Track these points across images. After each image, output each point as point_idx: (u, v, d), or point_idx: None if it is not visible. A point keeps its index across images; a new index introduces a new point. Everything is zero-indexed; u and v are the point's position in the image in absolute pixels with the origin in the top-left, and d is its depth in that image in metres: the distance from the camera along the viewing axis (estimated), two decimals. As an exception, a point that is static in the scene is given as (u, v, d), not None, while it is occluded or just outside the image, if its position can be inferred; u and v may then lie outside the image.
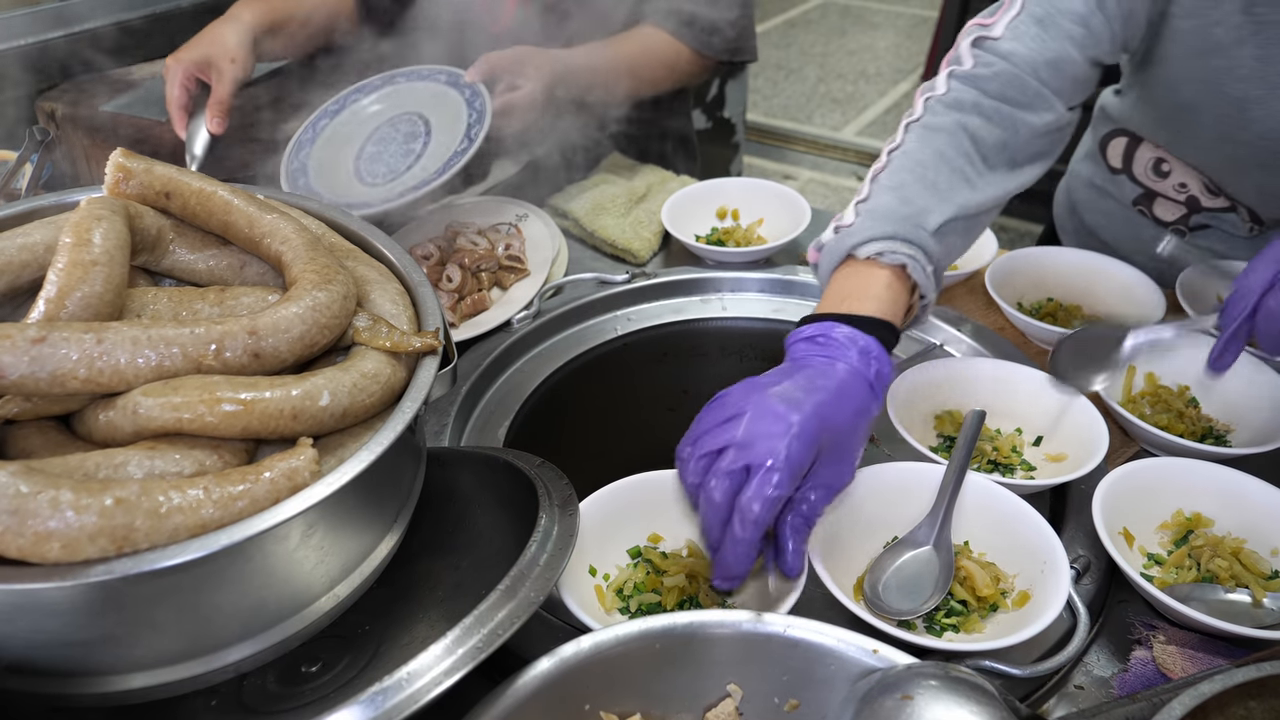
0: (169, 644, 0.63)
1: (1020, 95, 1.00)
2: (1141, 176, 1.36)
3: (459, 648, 0.61)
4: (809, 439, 0.78)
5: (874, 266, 0.92)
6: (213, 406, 0.64)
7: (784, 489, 0.76)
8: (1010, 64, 1.00)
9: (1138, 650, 0.82)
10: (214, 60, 1.39)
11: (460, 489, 0.89)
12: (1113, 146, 1.39)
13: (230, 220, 0.79)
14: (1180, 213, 1.33)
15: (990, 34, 1.02)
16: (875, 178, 0.99)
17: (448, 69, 1.44)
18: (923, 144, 0.99)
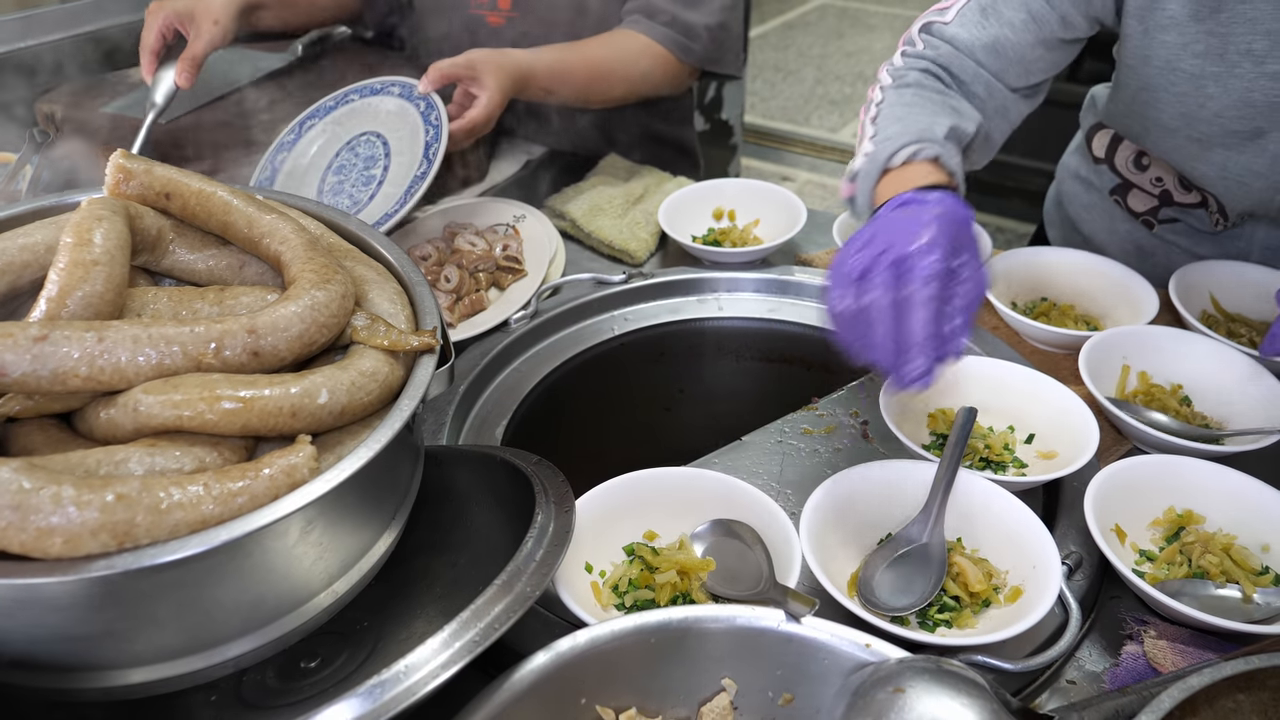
0: (169, 639, 0.64)
1: (961, 74, 1.15)
2: (1121, 168, 1.40)
3: (456, 641, 0.62)
4: (946, 224, 0.83)
5: (909, 168, 1.00)
6: (213, 404, 0.64)
7: (941, 262, 0.80)
8: (953, 47, 1.16)
9: (1129, 645, 0.82)
10: (197, 16, 1.40)
11: (457, 487, 0.89)
12: (1098, 138, 1.43)
13: (229, 220, 0.80)
14: (1151, 204, 1.38)
15: (941, 19, 1.17)
16: (871, 125, 1.10)
17: (400, 80, 1.42)
18: (900, 94, 1.12)
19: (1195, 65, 1.12)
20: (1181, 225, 1.36)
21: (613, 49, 1.55)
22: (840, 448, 1.08)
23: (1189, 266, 1.26)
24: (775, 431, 1.10)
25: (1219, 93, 1.12)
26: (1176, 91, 1.16)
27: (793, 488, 1.02)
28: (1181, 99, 1.16)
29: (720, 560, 0.84)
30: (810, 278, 1.33)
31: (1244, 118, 1.13)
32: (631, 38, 1.57)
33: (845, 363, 1.26)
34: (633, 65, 1.56)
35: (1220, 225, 1.32)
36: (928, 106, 1.08)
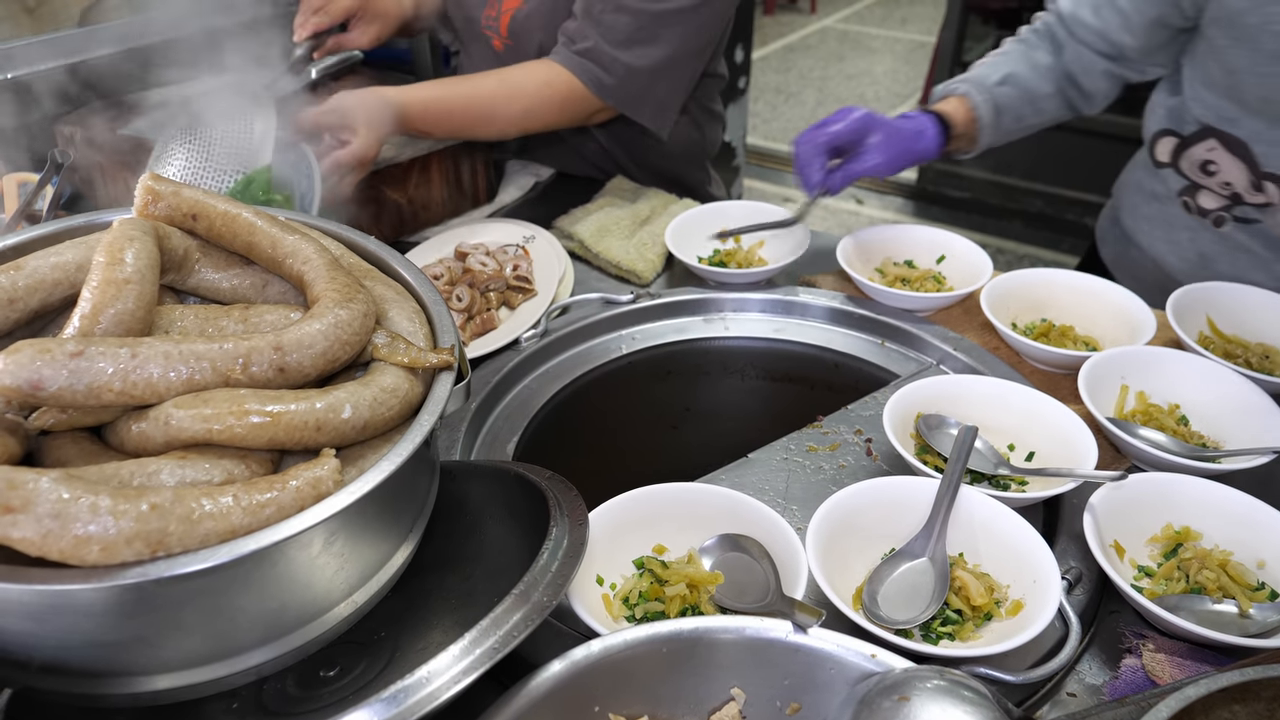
0: (195, 646, 0.65)
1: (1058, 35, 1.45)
2: (1188, 172, 1.41)
3: (475, 649, 0.64)
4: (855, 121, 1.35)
5: (948, 99, 1.47)
6: (241, 418, 0.66)
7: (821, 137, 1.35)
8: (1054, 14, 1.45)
9: (1128, 658, 0.84)
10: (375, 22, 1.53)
11: (472, 500, 0.91)
12: (1161, 144, 1.45)
13: (254, 241, 0.82)
14: (1222, 203, 1.38)
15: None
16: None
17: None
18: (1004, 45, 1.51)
19: (1275, 44, 1.15)
20: (1255, 227, 1.36)
21: (508, 83, 1.52)
22: (845, 464, 1.10)
23: (1187, 289, 1.28)
24: (781, 449, 1.12)
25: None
26: (1260, 72, 1.19)
27: (798, 503, 1.04)
28: (1263, 81, 1.19)
29: (728, 574, 0.86)
30: (814, 299, 1.36)
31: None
32: (539, 68, 1.54)
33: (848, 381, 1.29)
34: (528, 97, 1.52)
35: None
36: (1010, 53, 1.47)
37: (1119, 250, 1.60)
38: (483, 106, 1.49)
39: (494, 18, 1.68)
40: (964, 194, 4.52)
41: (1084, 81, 1.44)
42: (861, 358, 1.30)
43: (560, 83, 1.52)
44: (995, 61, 1.46)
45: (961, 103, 1.44)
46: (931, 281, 1.38)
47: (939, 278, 1.40)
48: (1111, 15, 1.36)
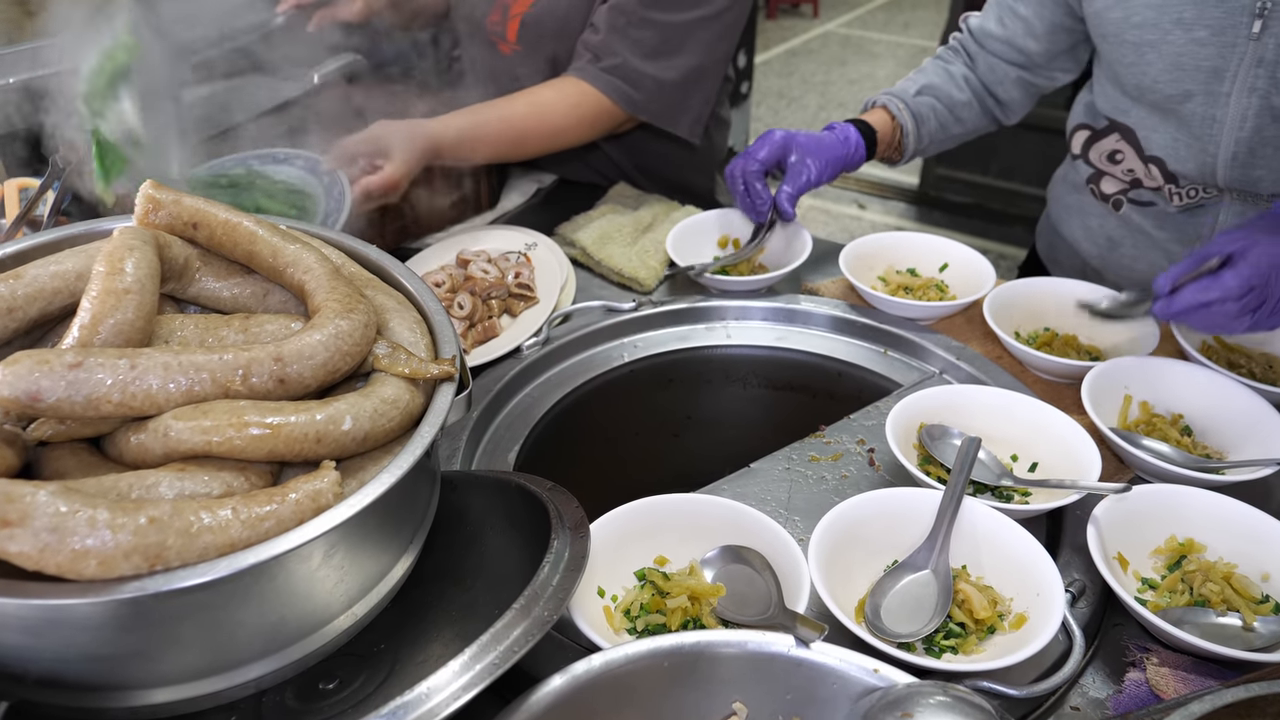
0: (193, 659, 0.65)
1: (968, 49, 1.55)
2: (1096, 161, 1.48)
3: (476, 664, 0.64)
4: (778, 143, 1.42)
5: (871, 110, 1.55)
6: (241, 430, 0.66)
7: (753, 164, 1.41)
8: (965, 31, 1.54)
9: (1132, 672, 0.84)
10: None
11: (472, 511, 0.91)
12: (1076, 136, 1.52)
13: (255, 250, 0.82)
14: (1121, 187, 1.46)
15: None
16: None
17: (305, 154, 1.42)
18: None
19: (1136, 34, 1.26)
20: (1148, 210, 1.43)
21: (537, 106, 1.54)
22: (847, 474, 1.10)
23: None
24: (783, 459, 1.12)
25: (1156, 59, 1.25)
26: (1126, 62, 1.29)
27: (800, 514, 1.04)
28: (1130, 68, 1.29)
29: (730, 585, 0.86)
30: (817, 307, 1.35)
31: (1175, 80, 1.25)
32: (567, 87, 1.55)
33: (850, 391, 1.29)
34: (557, 118, 1.54)
35: (1179, 200, 1.38)
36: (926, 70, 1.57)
37: (1049, 241, 1.69)
38: (515, 131, 1.52)
39: (499, 22, 1.68)
40: (966, 199, 4.51)
41: (999, 91, 1.55)
42: (864, 366, 1.30)
43: (589, 102, 1.55)
44: (914, 76, 1.58)
45: (883, 113, 1.53)
46: (934, 290, 1.38)
47: (941, 286, 1.39)
48: (1015, 23, 1.47)
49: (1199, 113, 1.27)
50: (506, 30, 1.68)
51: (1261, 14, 1.17)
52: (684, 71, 1.56)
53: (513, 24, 1.66)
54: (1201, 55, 1.22)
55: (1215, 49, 1.21)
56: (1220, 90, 1.23)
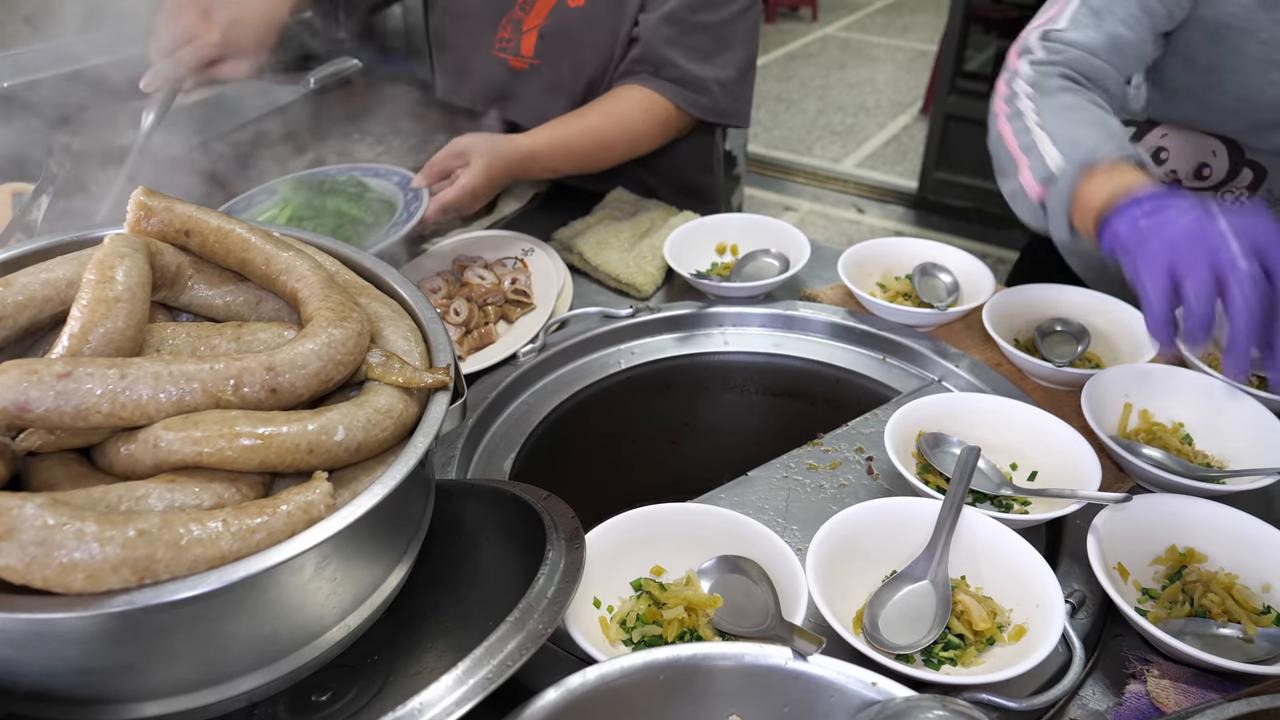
0: (184, 673, 0.64)
1: (1094, 74, 1.20)
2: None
3: (469, 678, 0.63)
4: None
5: (1117, 170, 1.04)
6: (232, 441, 0.65)
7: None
8: (1078, 49, 1.21)
9: (1132, 684, 0.83)
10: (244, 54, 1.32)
11: (467, 521, 0.90)
12: None
13: (248, 257, 0.81)
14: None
15: (1056, 26, 1.24)
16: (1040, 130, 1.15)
17: (401, 171, 1.45)
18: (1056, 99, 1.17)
19: (1261, 51, 1.20)
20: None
21: (613, 115, 1.57)
22: (845, 483, 1.09)
23: None
24: (781, 467, 1.11)
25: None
26: (1239, 74, 1.23)
27: (798, 524, 1.03)
28: (1243, 82, 1.24)
29: (727, 596, 0.85)
30: (815, 313, 1.35)
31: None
32: (636, 95, 1.58)
33: (849, 398, 1.28)
34: (636, 125, 1.58)
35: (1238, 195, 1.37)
36: (1093, 110, 1.15)
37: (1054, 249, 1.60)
38: (597, 141, 1.56)
39: (509, 39, 1.67)
40: (965, 203, 4.51)
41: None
42: (863, 373, 1.29)
43: (659, 108, 1.59)
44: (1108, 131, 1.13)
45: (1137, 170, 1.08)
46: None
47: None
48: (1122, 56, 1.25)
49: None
50: (521, 45, 1.67)
51: None
52: (738, 67, 1.61)
53: (528, 38, 1.66)
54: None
55: None
56: None
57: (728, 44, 1.59)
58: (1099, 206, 1.01)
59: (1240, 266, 0.86)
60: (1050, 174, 1.09)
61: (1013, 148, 1.16)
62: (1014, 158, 1.16)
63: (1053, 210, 1.09)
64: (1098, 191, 1.02)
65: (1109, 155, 1.05)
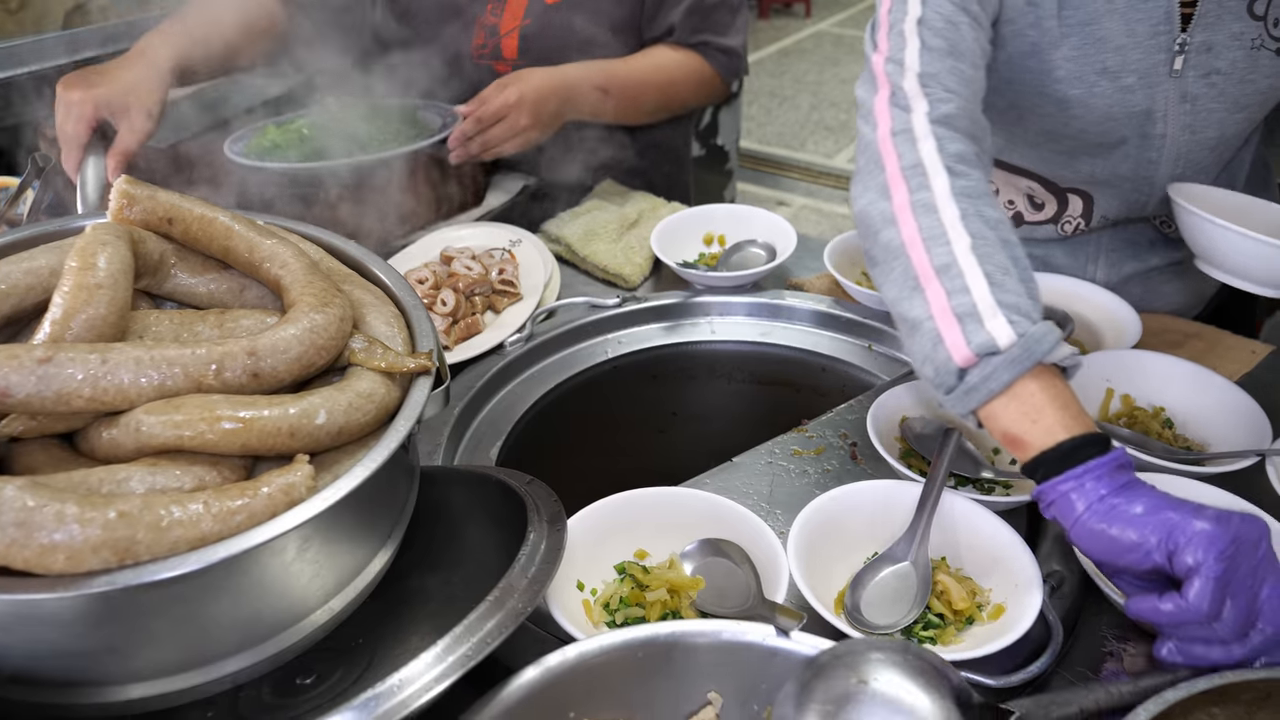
0: (167, 655, 0.65)
1: (979, 133, 0.99)
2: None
3: (449, 656, 0.64)
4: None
5: (1050, 376, 0.84)
6: (213, 424, 0.66)
7: None
8: (960, 98, 0.98)
9: (1109, 662, 0.84)
10: (130, 108, 1.29)
11: (452, 506, 0.91)
12: None
13: (231, 245, 0.82)
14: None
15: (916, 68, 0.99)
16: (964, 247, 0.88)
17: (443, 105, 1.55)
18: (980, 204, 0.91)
19: (1058, 89, 1.17)
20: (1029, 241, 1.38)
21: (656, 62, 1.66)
22: (829, 468, 1.10)
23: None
24: (765, 453, 1.12)
25: (1083, 112, 1.18)
26: (1042, 113, 1.21)
27: (782, 508, 1.04)
28: (1046, 119, 1.21)
29: (709, 578, 0.86)
30: (801, 302, 1.35)
31: (1106, 131, 1.20)
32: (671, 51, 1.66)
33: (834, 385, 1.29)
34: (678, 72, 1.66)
35: (1077, 230, 1.35)
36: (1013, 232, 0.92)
37: None
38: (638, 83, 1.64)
39: (485, 44, 1.68)
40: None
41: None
42: (848, 361, 1.30)
43: (695, 64, 1.66)
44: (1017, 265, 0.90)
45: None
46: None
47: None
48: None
49: (1133, 155, 1.23)
50: (502, 49, 1.67)
51: (1182, 49, 1.14)
52: (741, 30, 1.70)
53: (509, 40, 1.66)
54: (1131, 101, 1.17)
55: (1143, 93, 1.16)
56: (1153, 132, 1.20)
57: (737, 10, 1.68)
58: (1043, 446, 0.81)
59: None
60: (993, 348, 0.83)
61: (920, 259, 0.88)
62: (922, 274, 0.88)
63: (973, 387, 0.84)
64: (1044, 406, 0.82)
65: (1061, 355, 0.84)
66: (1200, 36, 1.13)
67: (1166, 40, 1.13)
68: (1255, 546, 0.75)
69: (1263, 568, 0.75)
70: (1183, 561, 0.74)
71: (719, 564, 0.87)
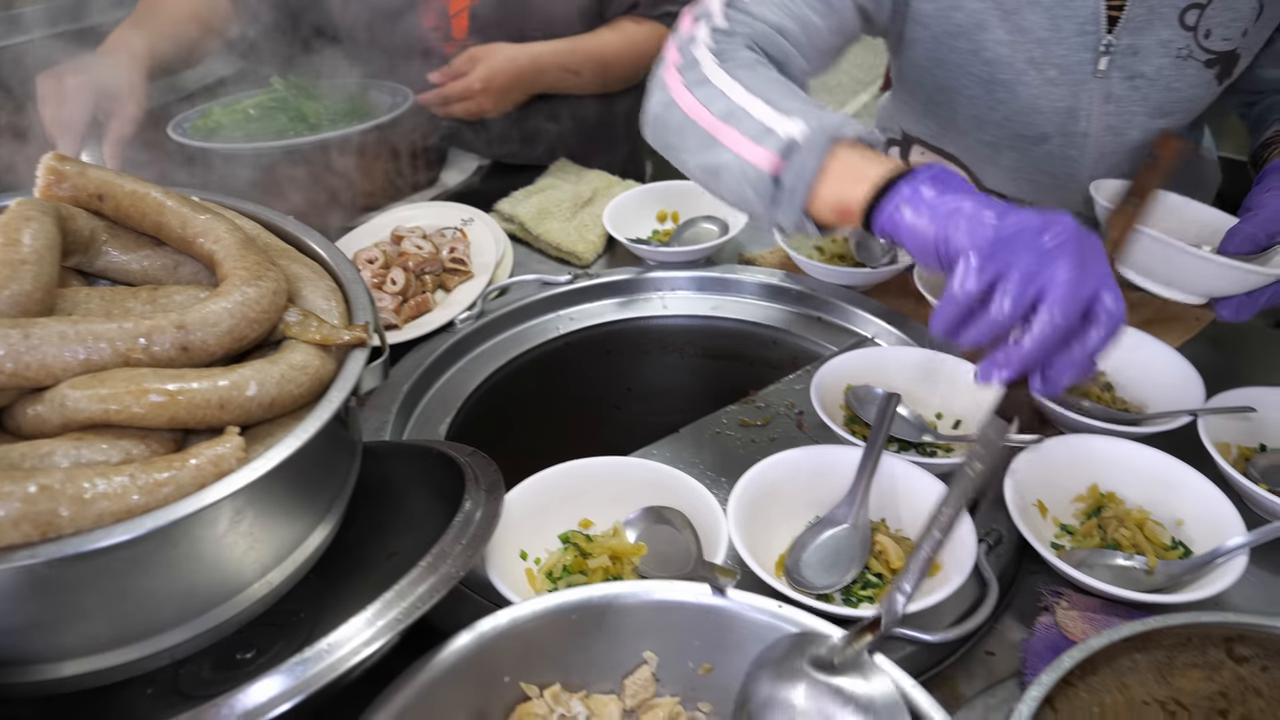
0: (100, 630, 0.64)
1: (778, 55, 1.05)
2: None
3: (379, 620, 0.64)
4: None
5: (859, 150, 0.88)
6: (139, 397, 0.65)
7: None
8: (765, 24, 1.04)
9: (1043, 616, 0.85)
10: (123, 97, 1.32)
11: (396, 480, 0.91)
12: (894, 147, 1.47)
13: (163, 221, 0.81)
14: None
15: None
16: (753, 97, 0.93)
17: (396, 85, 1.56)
18: (759, 72, 0.97)
19: (985, 71, 1.17)
20: None
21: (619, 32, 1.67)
22: (775, 437, 1.11)
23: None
24: (713, 423, 1.13)
25: (1008, 98, 1.18)
26: (969, 95, 1.21)
27: (729, 477, 1.04)
28: (973, 102, 1.21)
29: (652, 545, 0.87)
30: (750, 275, 1.36)
31: (1030, 124, 1.20)
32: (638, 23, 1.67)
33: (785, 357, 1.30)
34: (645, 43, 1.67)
35: None
36: (782, 79, 0.98)
37: None
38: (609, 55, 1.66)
39: (440, 25, 1.67)
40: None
41: None
42: (798, 333, 1.31)
43: (661, 35, 1.66)
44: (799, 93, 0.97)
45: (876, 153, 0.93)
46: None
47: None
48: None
49: (1055, 153, 1.23)
50: (452, 28, 1.66)
51: (1108, 50, 1.14)
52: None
53: (459, 20, 1.65)
54: (1055, 95, 1.17)
55: (1066, 88, 1.17)
56: (1076, 130, 1.20)
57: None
58: (878, 179, 0.83)
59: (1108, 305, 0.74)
60: (790, 143, 0.88)
61: (705, 117, 0.95)
62: (711, 127, 0.94)
63: (791, 185, 0.88)
64: (860, 166, 0.86)
65: (856, 131, 0.88)
66: (1126, 40, 1.13)
67: (1092, 40, 1.13)
68: (1038, 233, 0.72)
69: (1051, 255, 0.72)
70: (953, 245, 0.75)
71: (661, 530, 0.88)
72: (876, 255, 1.37)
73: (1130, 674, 0.73)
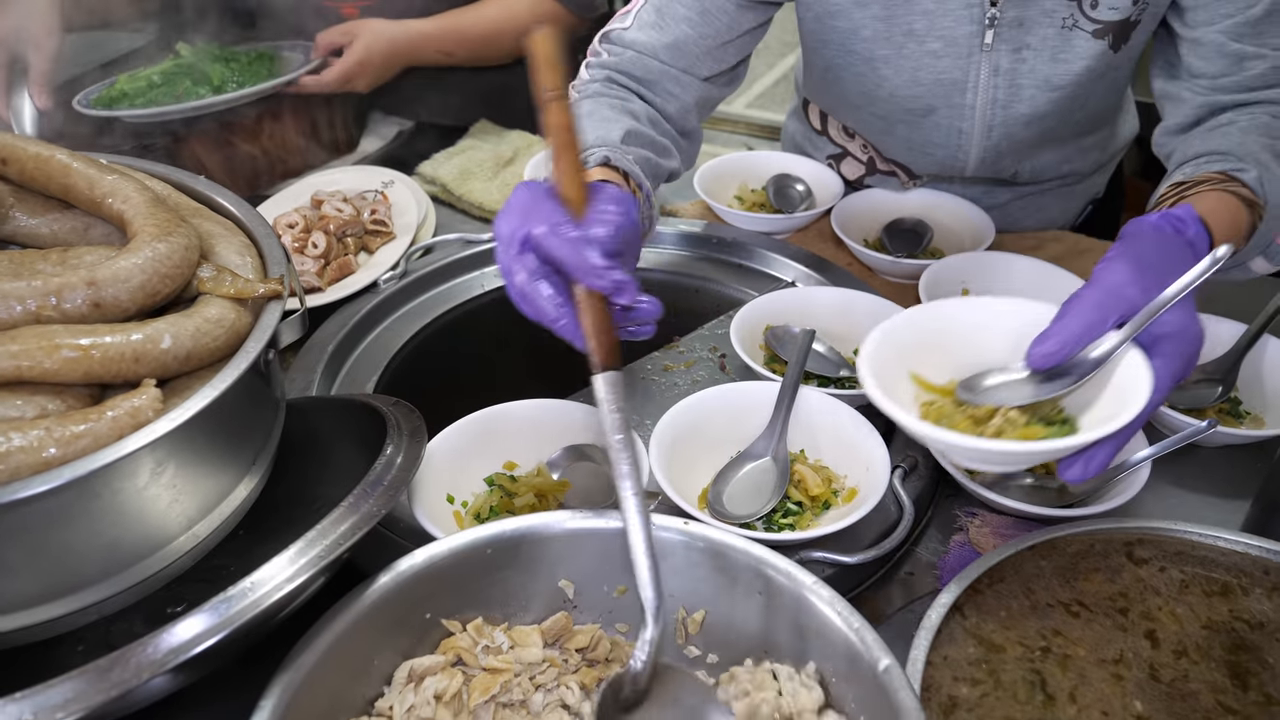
0: (22, 586, 0.64)
1: (647, 75, 1.14)
2: (835, 136, 1.48)
3: (301, 558, 0.65)
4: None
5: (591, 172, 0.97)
6: (51, 353, 0.65)
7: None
8: (635, 51, 1.15)
9: (957, 535, 0.89)
10: (34, 32, 1.31)
11: (322, 435, 0.91)
12: (813, 108, 1.50)
13: (70, 183, 0.80)
14: (861, 172, 1.47)
15: (621, 25, 1.17)
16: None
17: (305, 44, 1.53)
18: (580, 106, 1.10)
19: (866, 48, 1.19)
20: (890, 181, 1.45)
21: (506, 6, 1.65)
22: (698, 379, 1.13)
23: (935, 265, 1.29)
24: (637, 369, 1.15)
25: (891, 74, 1.20)
26: (855, 72, 1.23)
27: (652, 419, 1.05)
28: (859, 79, 1.24)
29: (575, 480, 0.89)
30: (671, 226, 1.38)
31: (915, 96, 1.21)
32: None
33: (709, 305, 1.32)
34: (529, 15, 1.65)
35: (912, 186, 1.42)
36: (604, 114, 1.07)
37: None
38: (490, 28, 1.65)
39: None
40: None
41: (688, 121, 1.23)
42: (721, 281, 1.33)
43: (545, 7, 1.67)
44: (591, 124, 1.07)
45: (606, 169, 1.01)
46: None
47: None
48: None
49: (944, 125, 1.24)
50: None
51: (992, 24, 1.13)
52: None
53: None
54: (939, 68, 1.18)
55: (951, 60, 1.17)
56: (963, 103, 1.21)
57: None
58: None
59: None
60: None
61: None
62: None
63: None
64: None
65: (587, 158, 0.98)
66: (1012, 12, 1.12)
67: (978, 12, 1.13)
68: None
69: None
70: None
71: (584, 467, 0.90)
72: (795, 202, 1.40)
73: (1036, 580, 0.77)
